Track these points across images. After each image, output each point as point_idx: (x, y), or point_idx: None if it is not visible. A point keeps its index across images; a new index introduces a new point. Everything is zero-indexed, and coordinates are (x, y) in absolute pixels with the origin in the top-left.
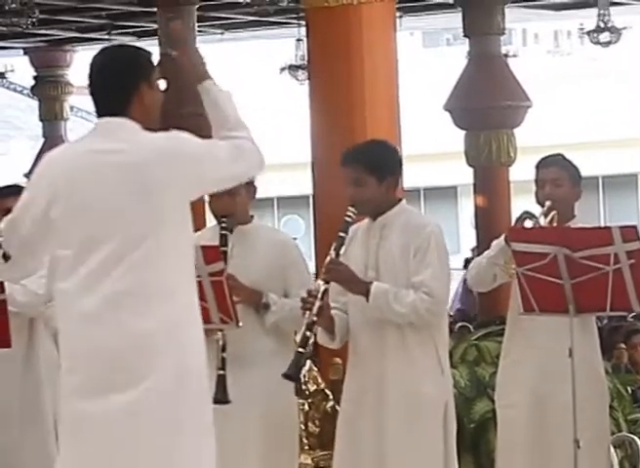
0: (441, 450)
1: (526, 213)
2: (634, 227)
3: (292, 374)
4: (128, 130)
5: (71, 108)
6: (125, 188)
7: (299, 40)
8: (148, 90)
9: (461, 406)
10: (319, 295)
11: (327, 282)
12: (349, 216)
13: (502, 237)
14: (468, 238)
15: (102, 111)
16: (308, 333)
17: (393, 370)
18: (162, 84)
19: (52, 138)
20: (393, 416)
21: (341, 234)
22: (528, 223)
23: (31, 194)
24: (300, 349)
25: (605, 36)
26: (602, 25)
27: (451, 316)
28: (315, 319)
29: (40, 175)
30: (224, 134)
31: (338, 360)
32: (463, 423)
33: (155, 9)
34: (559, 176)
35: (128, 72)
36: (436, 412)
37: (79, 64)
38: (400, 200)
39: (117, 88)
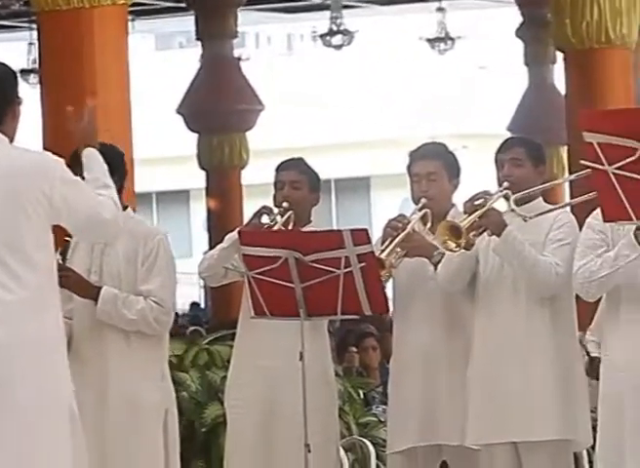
0: (161, 457)
1: (264, 207)
2: (365, 230)
3: None
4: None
5: None
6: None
7: (30, 44)
8: (18, 105)
9: (193, 410)
10: None
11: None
12: None
13: (237, 231)
14: (200, 242)
15: None
16: None
17: (115, 376)
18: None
19: None
20: (113, 422)
21: (67, 238)
22: (265, 219)
23: None
24: None
25: (337, 39)
26: (334, 28)
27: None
28: None
29: None
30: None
31: None
32: (195, 428)
33: None
34: (298, 179)
35: (7, 87)
36: (156, 419)
37: None
38: (126, 207)
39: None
